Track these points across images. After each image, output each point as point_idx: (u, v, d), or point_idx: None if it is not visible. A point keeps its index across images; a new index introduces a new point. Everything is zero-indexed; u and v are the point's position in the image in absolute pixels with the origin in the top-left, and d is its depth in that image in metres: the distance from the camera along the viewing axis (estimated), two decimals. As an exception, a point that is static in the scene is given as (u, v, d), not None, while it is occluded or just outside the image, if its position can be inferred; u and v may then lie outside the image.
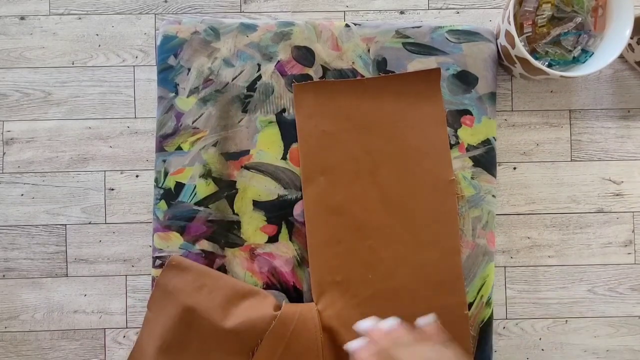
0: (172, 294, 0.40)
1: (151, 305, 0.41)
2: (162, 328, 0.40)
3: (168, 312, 0.40)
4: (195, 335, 0.40)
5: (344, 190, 0.42)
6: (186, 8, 0.47)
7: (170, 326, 0.40)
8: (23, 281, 0.46)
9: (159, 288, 0.41)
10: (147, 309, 0.42)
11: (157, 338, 0.40)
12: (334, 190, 0.42)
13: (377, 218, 0.42)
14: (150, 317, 0.41)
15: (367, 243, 0.42)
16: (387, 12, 0.47)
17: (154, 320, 0.41)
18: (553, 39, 0.43)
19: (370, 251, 0.42)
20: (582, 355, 0.46)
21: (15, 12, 0.46)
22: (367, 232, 0.42)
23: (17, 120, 0.46)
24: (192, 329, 0.40)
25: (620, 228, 0.46)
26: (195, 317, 0.40)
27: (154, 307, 0.41)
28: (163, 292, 0.41)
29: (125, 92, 0.46)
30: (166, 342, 0.40)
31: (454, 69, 0.44)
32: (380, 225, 0.42)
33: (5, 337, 0.46)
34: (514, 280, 0.46)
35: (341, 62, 0.44)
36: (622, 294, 0.46)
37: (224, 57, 0.44)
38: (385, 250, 0.42)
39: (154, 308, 0.41)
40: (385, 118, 0.43)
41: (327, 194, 0.41)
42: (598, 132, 0.47)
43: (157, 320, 0.41)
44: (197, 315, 0.40)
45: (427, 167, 0.42)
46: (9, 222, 0.46)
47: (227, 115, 0.44)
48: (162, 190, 0.43)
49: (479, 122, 0.44)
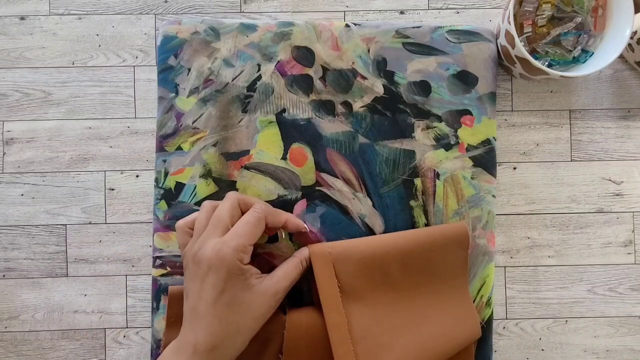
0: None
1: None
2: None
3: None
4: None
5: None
6: (186, 8, 0.47)
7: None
8: (23, 281, 0.46)
9: (170, 322, 0.41)
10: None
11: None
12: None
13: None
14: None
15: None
16: (387, 12, 0.47)
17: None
18: (553, 39, 0.43)
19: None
20: (582, 355, 0.46)
21: (15, 12, 0.46)
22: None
23: (17, 120, 0.46)
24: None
25: (620, 228, 0.46)
26: None
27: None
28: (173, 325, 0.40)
29: (125, 92, 0.46)
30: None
31: (454, 69, 0.44)
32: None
33: (5, 337, 0.46)
34: (514, 280, 0.46)
35: (341, 62, 0.44)
36: (622, 294, 0.46)
37: (224, 57, 0.44)
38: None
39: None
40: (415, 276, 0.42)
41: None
42: (598, 132, 0.47)
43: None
44: None
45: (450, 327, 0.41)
46: (9, 222, 0.46)
47: (227, 115, 0.44)
48: (162, 190, 0.43)
49: (479, 122, 0.44)
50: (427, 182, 0.44)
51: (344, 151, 0.44)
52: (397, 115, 0.44)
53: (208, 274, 0.35)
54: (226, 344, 0.35)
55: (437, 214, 0.44)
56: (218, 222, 0.36)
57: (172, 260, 0.43)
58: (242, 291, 0.35)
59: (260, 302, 0.36)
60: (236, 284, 0.35)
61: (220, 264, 0.34)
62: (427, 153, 0.44)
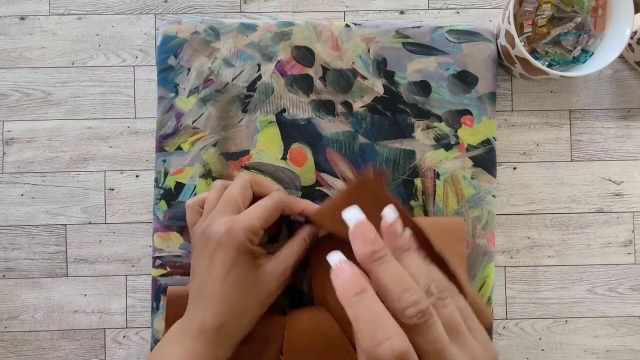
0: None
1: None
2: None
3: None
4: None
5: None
6: (186, 8, 0.47)
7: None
8: (23, 281, 0.46)
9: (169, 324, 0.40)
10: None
11: None
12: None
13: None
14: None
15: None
16: (387, 12, 0.47)
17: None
18: (553, 39, 0.43)
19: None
20: (582, 355, 0.46)
21: (15, 12, 0.46)
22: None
23: (17, 120, 0.46)
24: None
25: (620, 228, 0.46)
26: None
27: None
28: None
29: (125, 92, 0.46)
30: None
31: (454, 69, 0.44)
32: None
33: (5, 337, 0.46)
34: (514, 280, 0.46)
35: (341, 62, 0.44)
36: (622, 294, 0.46)
37: (224, 57, 0.44)
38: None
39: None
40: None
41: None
42: (598, 132, 0.47)
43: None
44: None
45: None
46: (9, 222, 0.46)
47: (227, 115, 0.44)
48: (162, 190, 0.43)
49: (479, 122, 0.44)
50: (427, 182, 0.44)
51: (344, 151, 0.44)
52: (397, 115, 0.44)
53: (217, 251, 0.34)
54: (233, 323, 0.34)
55: (437, 214, 0.44)
56: (229, 201, 0.36)
57: (172, 260, 0.43)
58: (250, 270, 0.35)
59: (268, 281, 0.35)
60: (244, 263, 0.34)
61: (229, 241, 0.34)
62: (427, 153, 0.44)
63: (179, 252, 0.43)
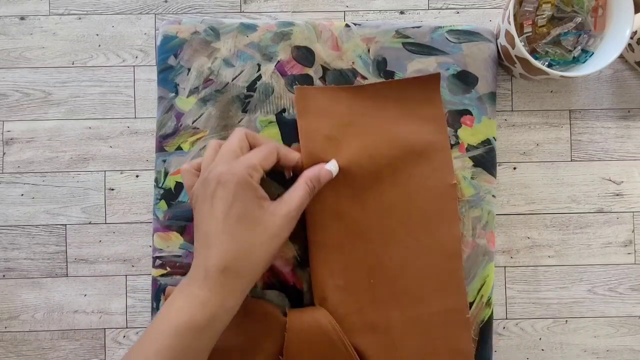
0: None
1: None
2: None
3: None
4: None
5: (346, 195, 0.41)
6: (186, 8, 0.47)
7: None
8: (23, 281, 0.46)
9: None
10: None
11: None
12: (335, 195, 0.41)
13: (379, 223, 0.41)
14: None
15: (369, 247, 0.41)
16: (387, 12, 0.47)
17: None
18: (553, 39, 0.43)
19: (372, 255, 0.41)
20: (582, 355, 0.46)
21: (15, 12, 0.46)
22: (369, 236, 0.41)
23: (17, 120, 0.46)
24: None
25: (620, 228, 0.46)
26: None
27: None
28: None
29: (125, 92, 0.46)
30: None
31: (454, 69, 0.44)
32: (382, 230, 0.41)
33: (5, 337, 0.46)
34: (514, 280, 0.46)
35: (341, 62, 0.44)
36: (622, 294, 0.46)
37: (224, 57, 0.44)
38: (387, 254, 0.41)
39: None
40: (387, 124, 0.42)
41: (328, 198, 0.41)
42: (598, 132, 0.47)
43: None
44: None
45: (429, 171, 0.42)
46: (9, 222, 0.46)
47: (227, 115, 0.44)
48: (162, 190, 0.43)
49: (479, 122, 0.44)
50: (427, 182, 0.44)
51: (344, 151, 0.44)
52: (397, 115, 0.44)
53: (217, 189, 0.33)
54: (239, 263, 0.32)
55: (437, 214, 0.44)
56: (227, 152, 0.35)
57: (172, 260, 0.43)
58: (252, 207, 0.34)
59: (272, 221, 0.34)
60: (246, 198, 0.33)
61: (229, 178, 0.33)
62: (427, 153, 0.44)
63: (179, 252, 0.43)
